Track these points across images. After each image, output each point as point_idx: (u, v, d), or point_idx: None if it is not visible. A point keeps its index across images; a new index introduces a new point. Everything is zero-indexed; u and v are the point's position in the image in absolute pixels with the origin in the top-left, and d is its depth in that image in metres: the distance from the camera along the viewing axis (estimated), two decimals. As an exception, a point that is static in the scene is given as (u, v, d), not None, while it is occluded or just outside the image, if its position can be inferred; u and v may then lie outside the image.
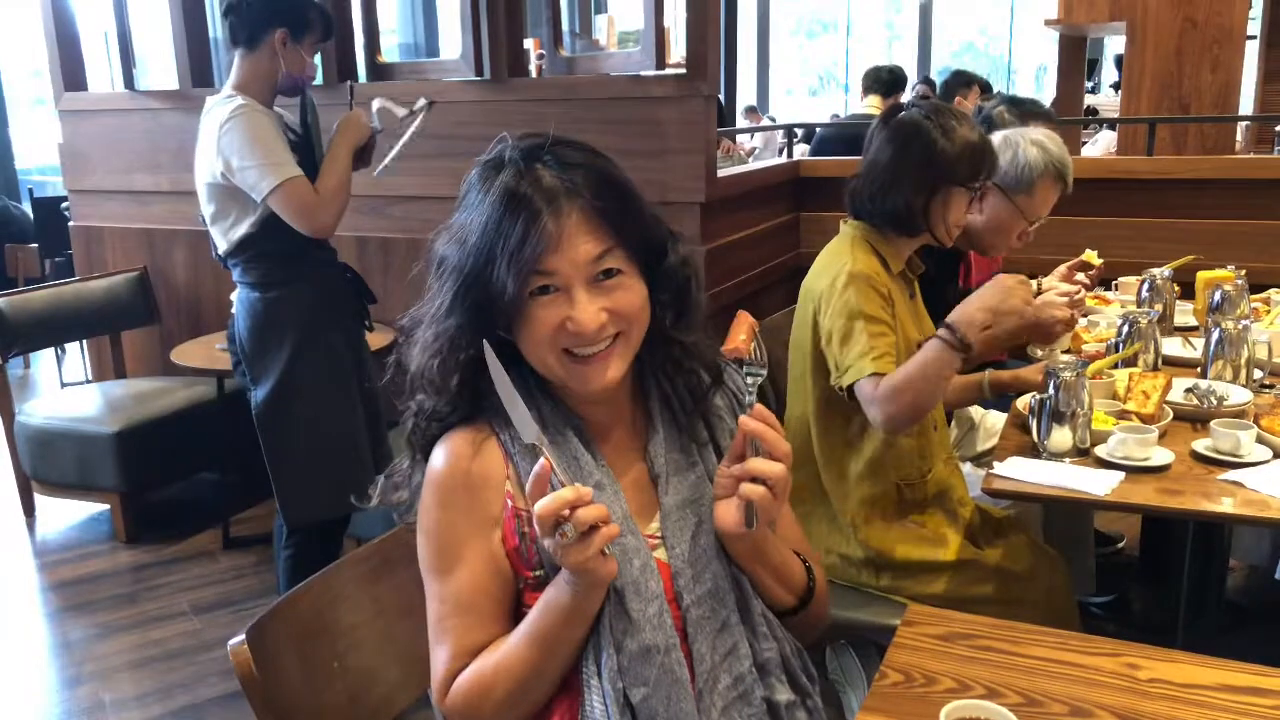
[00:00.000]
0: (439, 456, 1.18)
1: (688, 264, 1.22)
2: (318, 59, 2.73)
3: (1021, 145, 2.45)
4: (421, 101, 2.79)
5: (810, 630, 1.30)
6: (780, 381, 2.37)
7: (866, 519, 2.06)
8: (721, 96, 5.32)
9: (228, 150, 2.49)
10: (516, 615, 1.18)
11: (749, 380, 1.17)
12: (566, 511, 1.01)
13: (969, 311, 1.86)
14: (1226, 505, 1.71)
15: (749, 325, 1.17)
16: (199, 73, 4.05)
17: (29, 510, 3.96)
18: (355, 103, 2.79)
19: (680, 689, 1.13)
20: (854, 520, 2.06)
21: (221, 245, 2.64)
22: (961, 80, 5.01)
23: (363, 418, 2.73)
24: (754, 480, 1.12)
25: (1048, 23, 7.63)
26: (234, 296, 2.73)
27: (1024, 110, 3.00)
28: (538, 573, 1.16)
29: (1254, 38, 7.09)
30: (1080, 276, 2.75)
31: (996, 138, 2.49)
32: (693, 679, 1.14)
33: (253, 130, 2.49)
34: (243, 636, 1.16)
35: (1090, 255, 2.79)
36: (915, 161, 2.02)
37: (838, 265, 2.01)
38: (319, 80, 3.82)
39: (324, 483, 2.65)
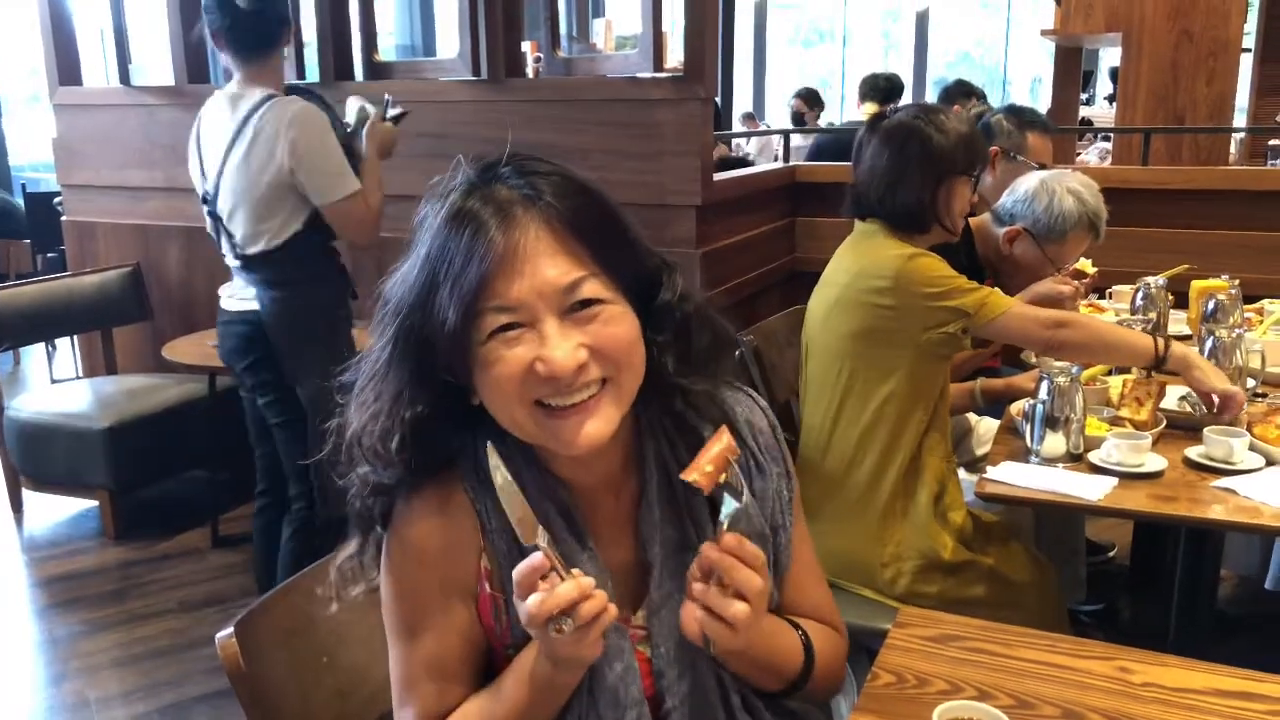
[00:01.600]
0: (406, 511, 1.05)
1: (687, 299, 1.02)
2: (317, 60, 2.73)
3: (1059, 193, 2.46)
4: (398, 110, 2.76)
5: (808, 701, 1.17)
6: (772, 382, 2.37)
7: (883, 508, 2.06)
8: (718, 100, 5.32)
9: (303, 148, 2.48)
10: (487, 674, 1.09)
11: (722, 512, 0.94)
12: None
13: (1193, 356, 2.02)
14: (1219, 512, 1.71)
15: (722, 450, 0.94)
16: (195, 69, 4.03)
17: (17, 506, 3.94)
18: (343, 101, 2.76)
19: None
20: (884, 507, 2.06)
21: (258, 245, 2.56)
22: (962, 90, 5.04)
23: None
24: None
25: (1044, 33, 7.66)
26: (238, 299, 2.68)
27: (1023, 119, 3.01)
28: (510, 652, 1.06)
29: (1249, 51, 7.11)
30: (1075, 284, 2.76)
31: (1034, 180, 2.51)
32: None
33: (324, 134, 2.51)
34: (231, 630, 1.15)
35: (1085, 264, 2.79)
36: (916, 159, 2.07)
37: (891, 250, 2.04)
38: (316, 78, 3.83)
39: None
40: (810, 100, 8.03)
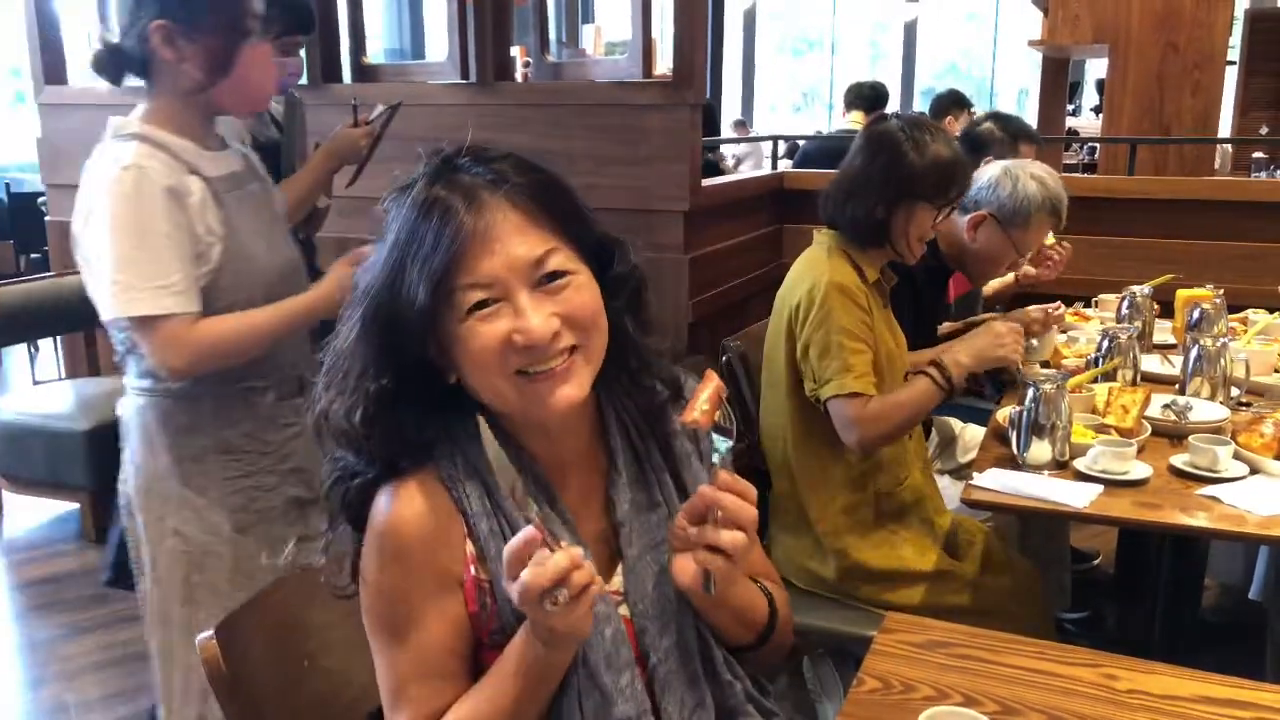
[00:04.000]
0: (385, 506, 1.04)
1: (638, 269, 1.10)
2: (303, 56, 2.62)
3: (1022, 179, 2.47)
4: (379, 110, 2.50)
5: (769, 662, 1.23)
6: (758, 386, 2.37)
7: (844, 528, 2.05)
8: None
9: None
10: (474, 671, 1.09)
11: (715, 449, 1.02)
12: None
13: (958, 356, 1.95)
14: (1203, 520, 1.71)
15: (714, 391, 1.02)
16: (182, 70, 4.01)
17: (-4, 508, 3.91)
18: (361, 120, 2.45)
19: None
20: (832, 529, 2.06)
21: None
22: (953, 99, 5.05)
23: None
24: (714, 549, 1.00)
25: (1031, 44, 7.71)
26: None
27: (1012, 129, 3.03)
28: (496, 635, 1.06)
29: (1234, 63, 7.18)
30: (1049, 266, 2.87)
31: (996, 168, 2.51)
32: None
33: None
34: (211, 632, 1.14)
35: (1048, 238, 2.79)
36: (881, 171, 2.02)
37: (814, 276, 2.00)
38: (304, 81, 3.80)
39: None
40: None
